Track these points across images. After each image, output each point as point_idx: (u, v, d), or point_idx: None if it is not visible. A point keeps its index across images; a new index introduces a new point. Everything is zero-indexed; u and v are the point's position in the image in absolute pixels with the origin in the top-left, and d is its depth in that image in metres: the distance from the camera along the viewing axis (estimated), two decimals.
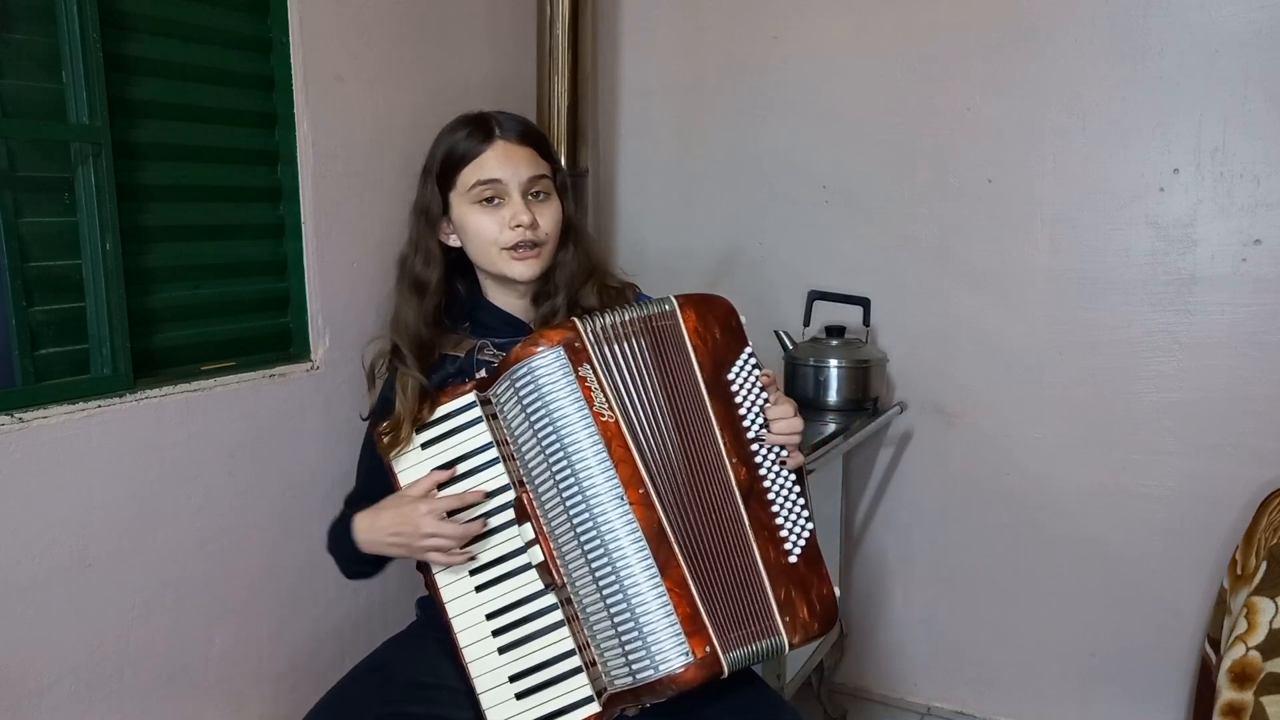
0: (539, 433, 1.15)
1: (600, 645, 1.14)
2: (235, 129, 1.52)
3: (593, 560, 1.13)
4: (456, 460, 1.24)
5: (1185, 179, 1.93)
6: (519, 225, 1.28)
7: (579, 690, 1.17)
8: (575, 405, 1.14)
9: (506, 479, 1.21)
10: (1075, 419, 2.07)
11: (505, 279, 1.33)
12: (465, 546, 1.21)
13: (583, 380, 1.14)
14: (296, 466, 1.56)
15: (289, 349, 1.62)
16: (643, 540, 1.12)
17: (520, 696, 1.19)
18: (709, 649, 1.10)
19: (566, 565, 1.15)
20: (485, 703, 1.21)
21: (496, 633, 1.21)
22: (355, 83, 1.64)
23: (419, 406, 1.26)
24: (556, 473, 1.14)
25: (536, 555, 1.17)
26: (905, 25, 2.11)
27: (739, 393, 1.21)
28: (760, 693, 1.26)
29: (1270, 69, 1.84)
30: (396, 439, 1.25)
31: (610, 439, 1.13)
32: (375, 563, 1.33)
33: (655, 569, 1.11)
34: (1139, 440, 2.02)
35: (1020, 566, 2.17)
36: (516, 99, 1.99)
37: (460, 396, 1.24)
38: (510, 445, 1.19)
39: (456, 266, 1.38)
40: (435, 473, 1.23)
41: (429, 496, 1.22)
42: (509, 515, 1.21)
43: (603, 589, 1.13)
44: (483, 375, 1.24)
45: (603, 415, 1.14)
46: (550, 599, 1.19)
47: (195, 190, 1.47)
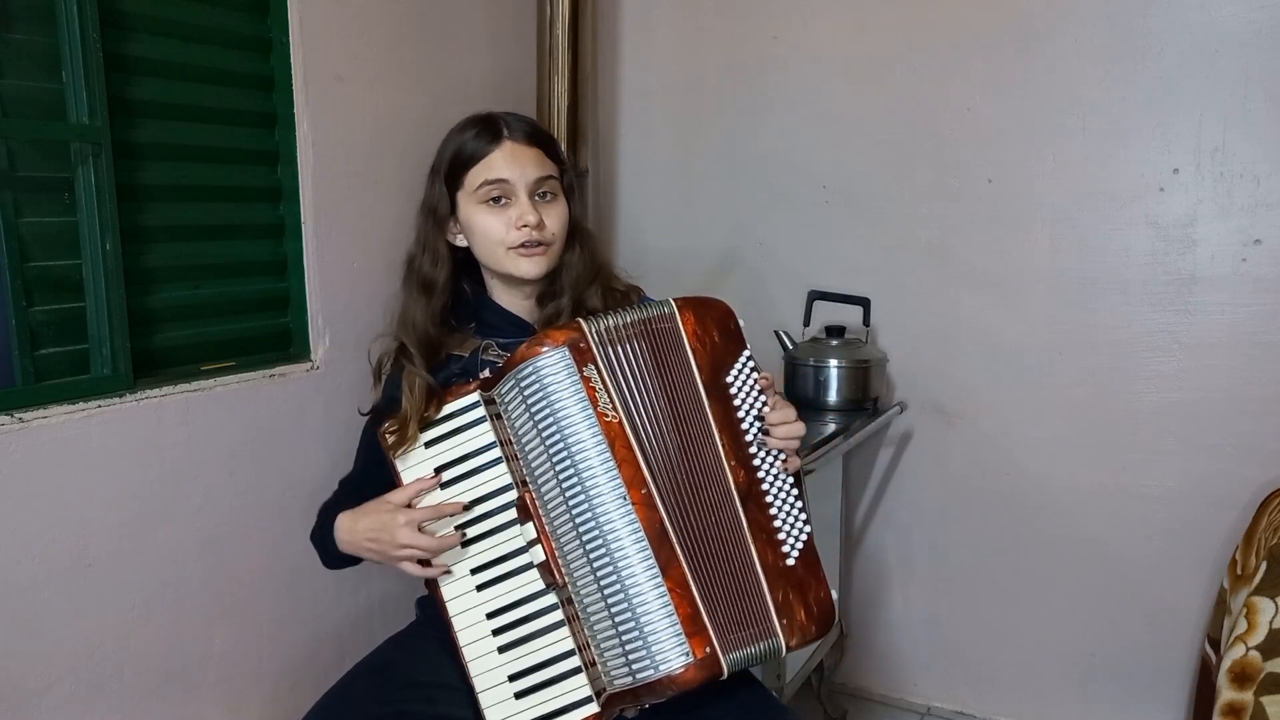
0: (543, 432, 1.15)
1: (600, 645, 1.14)
2: (235, 129, 1.52)
3: (595, 559, 1.13)
4: (459, 459, 1.23)
5: (1185, 179, 1.93)
6: (525, 225, 1.29)
7: (578, 690, 1.17)
8: (579, 405, 1.14)
9: (509, 478, 1.21)
10: (1075, 419, 2.07)
11: (512, 278, 1.34)
12: (466, 557, 1.21)
13: (587, 380, 1.14)
14: (296, 466, 1.56)
15: (289, 349, 1.62)
16: (645, 540, 1.12)
17: (519, 696, 1.19)
18: (709, 650, 1.10)
19: (568, 564, 1.15)
20: (484, 702, 1.21)
21: (497, 632, 1.21)
22: (355, 83, 1.64)
23: (425, 405, 1.26)
24: (560, 472, 1.14)
25: (538, 555, 1.17)
26: (905, 25, 2.11)
27: (738, 395, 1.21)
28: (759, 695, 1.26)
29: (1270, 69, 1.84)
30: (403, 437, 1.25)
31: (614, 439, 1.13)
32: (354, 559, 1.33)
33: (657, 569, 1.11)
34: (1139, 440, 2.02)
35: (1020, 566, 2.17)
36: (516, 99, 1.99)
37: (464, 396, 1.24)
38: (514, 445, 1.19)
39: (463, 266, 1.39)
40: (418, 481, 1.23)
41: (410, 507, 1.22)
42: (511, 515, 1.21)
43: (604, 588, 1.12)
44: (487, 375, 1.24)
45: (607, 416, 1.13)
46: (551, 599, 1.19)
47: (195, 190, 1.47)
